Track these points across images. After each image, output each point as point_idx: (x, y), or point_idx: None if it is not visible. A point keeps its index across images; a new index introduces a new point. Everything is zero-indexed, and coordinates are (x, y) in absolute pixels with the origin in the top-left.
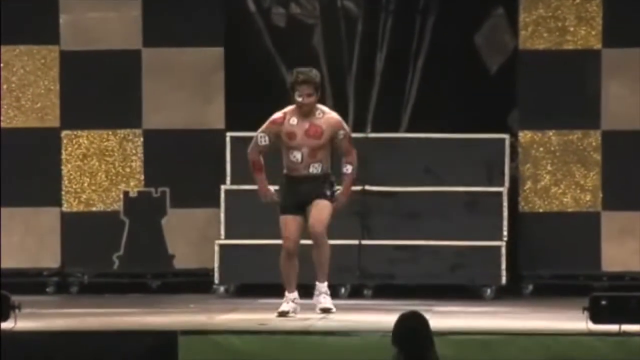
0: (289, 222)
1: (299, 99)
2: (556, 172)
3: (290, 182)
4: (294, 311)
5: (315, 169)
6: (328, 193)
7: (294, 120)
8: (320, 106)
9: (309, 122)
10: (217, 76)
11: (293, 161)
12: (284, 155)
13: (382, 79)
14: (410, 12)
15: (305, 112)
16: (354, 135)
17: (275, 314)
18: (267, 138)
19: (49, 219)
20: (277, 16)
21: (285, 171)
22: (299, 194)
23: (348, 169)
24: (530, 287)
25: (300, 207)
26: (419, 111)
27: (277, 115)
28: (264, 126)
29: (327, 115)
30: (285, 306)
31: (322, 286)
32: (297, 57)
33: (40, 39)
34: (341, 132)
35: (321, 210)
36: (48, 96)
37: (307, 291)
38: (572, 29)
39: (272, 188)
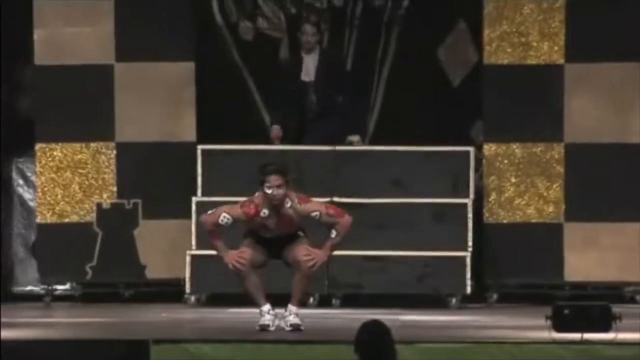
0: (245, 251)
1: (269, 191)
2: (520, 184)
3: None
4: (273, 323)
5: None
6: (301, 234)
7: (265, 212)
8: (290, 194)
9: (280, 213)
10: (188, 90)
11: (262, 235)
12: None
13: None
14: (375, 25)
15: (274, 205)
16: (321, 147)
17: (257, 328)
18: (231, 221)
19: None
20: (244, 30)
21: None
22: (270, 244)
23: (333, 233)
24: (495, 296)
25: (270, 250)
26: (384, 123)
27: (250, 206)
28: (232, 210)
29: (295, 204)
30: (263, 320)
31: (294, 308)
32: (264, 70)
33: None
34: (314, 214)
35: (305, 245)
36: None
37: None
38: (535, 44)
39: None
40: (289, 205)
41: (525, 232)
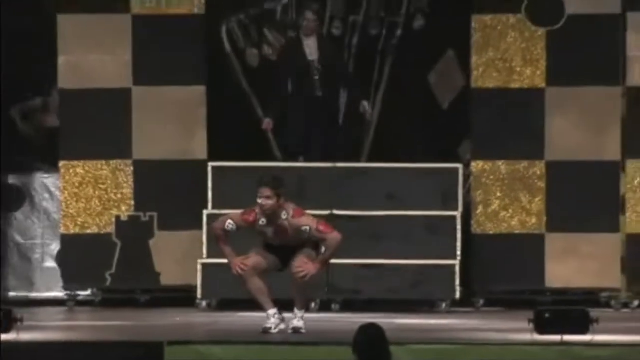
0: (257, 254)
1: (259, 201)
2: (505, 198)
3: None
4: (277, 326)
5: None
6: (307, 248)
7: (263, 222)
8: (288, 206)
9: (276, 223)
10: (199, 112)
11: (269, 242)
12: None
13: (346, 113)
14: (371, 53)
15: (269, 215)
16: (322, 164)
17: (261, 330)
18: (235, 227)
19: None
20: (251, 56)
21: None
22: (278, 252)
23: (323, 249)
24: (482, 301)
25: (278, 258)
26: (379, 142)
27: (250, 214)
28: (235, 217)
29: (290, 217)
30: (268, 323)
31: (300, 313)
32: (269, 94)
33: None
34: (304, 228)
35: (303, 257)
36: None
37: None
38: (519, 69)
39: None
40: (284, 217)
41: (510, 242)
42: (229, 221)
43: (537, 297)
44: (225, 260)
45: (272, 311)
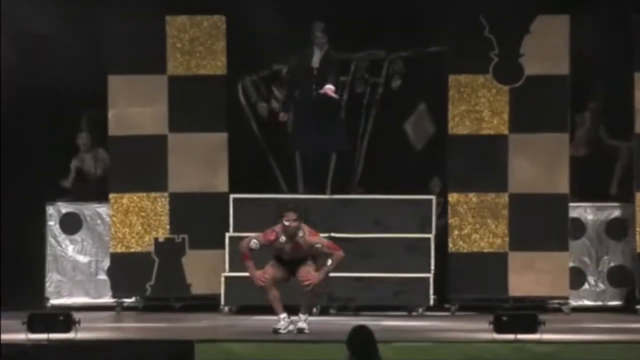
0: (268, 270)
1: (286, 223)
2: (475, 223)
3: (279, 258)
4: (286, 327)
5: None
6: (310, 261)
7: (283, 239)
8: (304, 228)
9: (294, 241)
10: (222, 153)
11: (282, 256)
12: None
13: (337, 155)
14: (357, 107)
15: (291, 233)
16: (321, 196)
17: (272, 331)
18: (258, 246)
19: None
20: (261, 109)
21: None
22: (287, 264)
23: (329, 262)
24: (456, 307)
25: (288, 270)
26: (365, 178)
27: (271, 234)
28: (259, 237)
29: (306, 236)
30: (278, 324)
31: (304, 316)
32: (277, 140)
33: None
34: (317, 245)
35: (308, 269)
36: None
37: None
38: (487, 118)
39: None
40: (301, 235)
41: (480, 259)
42: (254, 241)
43: (502, 304)
44: (243, 274)
45: (283, 315)
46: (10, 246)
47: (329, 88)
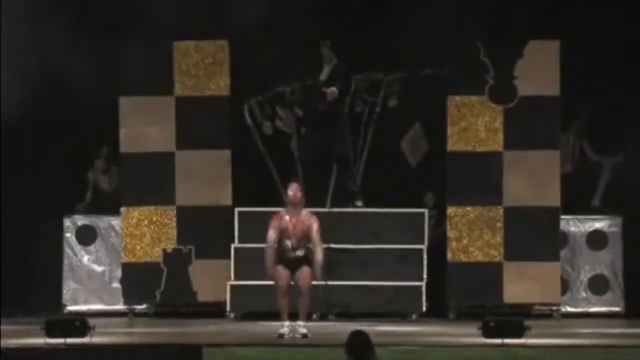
0: (281, 270)
1: (291, 193)
2: (472, 235)
3: (284, 259)
4: (289, 333)
5: (300, 252)
6: (307, 267)
7: (287, 217)
8: (304, 210)
9: (295, 219)
10: (226, 169)
11: (285, 248)
12: (280, 244)
13: (337, 170)
14: (357, 125)
15: (294, 208)
16: (319, 209)
17: (276, 336)
18: (274, 235)
19: None
20: (266, 127)
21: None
22: (289, 264)
23: (316, 267)
24: (454, 313)
25: (289, 269)
26: (364, 192)
27: (276, 217)
28: (271, 228)
29: (306, 216)
30: (282, 329)
31: (302, 322)
32: (280, 157)
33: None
34: (314, 227)
35: (306, 273)
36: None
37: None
38: (483, 136)
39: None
40: (303, 216)
41: (477, 268)
42: (270, 233)
43: (497, 311)
44: (248, 282)
45: (287, 323)
46: (30, 256)
47: (332, 89)
